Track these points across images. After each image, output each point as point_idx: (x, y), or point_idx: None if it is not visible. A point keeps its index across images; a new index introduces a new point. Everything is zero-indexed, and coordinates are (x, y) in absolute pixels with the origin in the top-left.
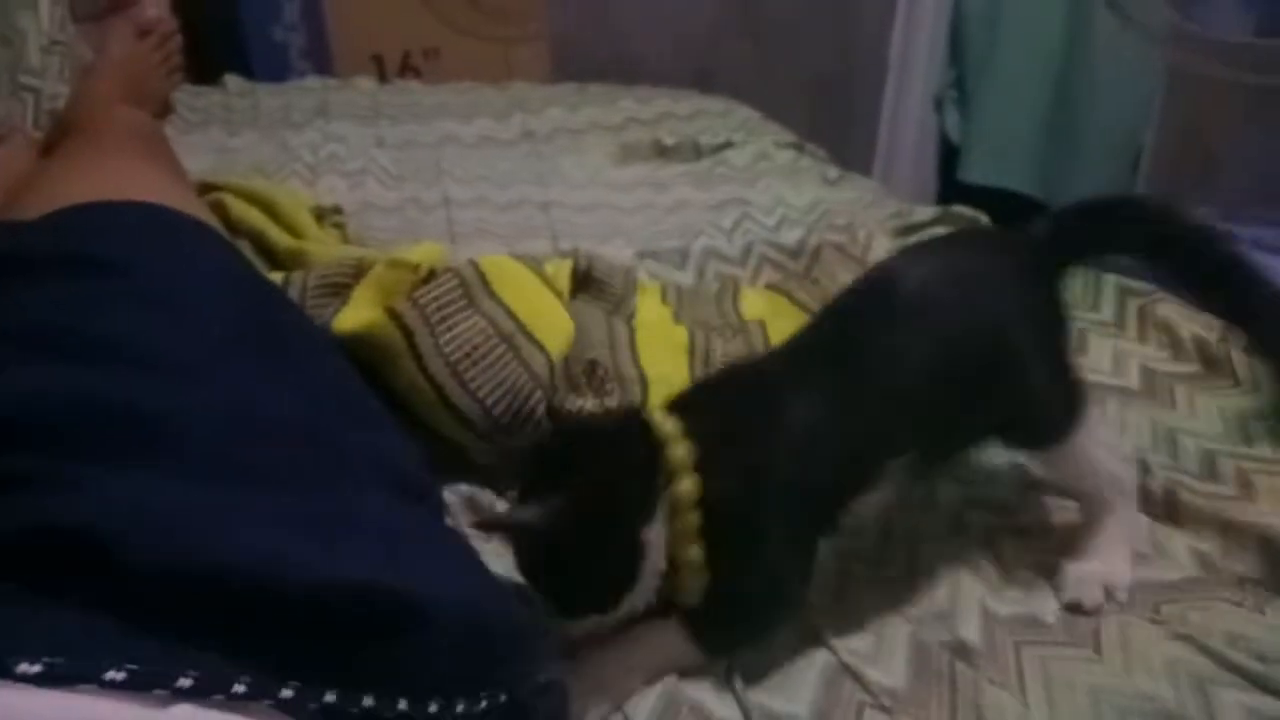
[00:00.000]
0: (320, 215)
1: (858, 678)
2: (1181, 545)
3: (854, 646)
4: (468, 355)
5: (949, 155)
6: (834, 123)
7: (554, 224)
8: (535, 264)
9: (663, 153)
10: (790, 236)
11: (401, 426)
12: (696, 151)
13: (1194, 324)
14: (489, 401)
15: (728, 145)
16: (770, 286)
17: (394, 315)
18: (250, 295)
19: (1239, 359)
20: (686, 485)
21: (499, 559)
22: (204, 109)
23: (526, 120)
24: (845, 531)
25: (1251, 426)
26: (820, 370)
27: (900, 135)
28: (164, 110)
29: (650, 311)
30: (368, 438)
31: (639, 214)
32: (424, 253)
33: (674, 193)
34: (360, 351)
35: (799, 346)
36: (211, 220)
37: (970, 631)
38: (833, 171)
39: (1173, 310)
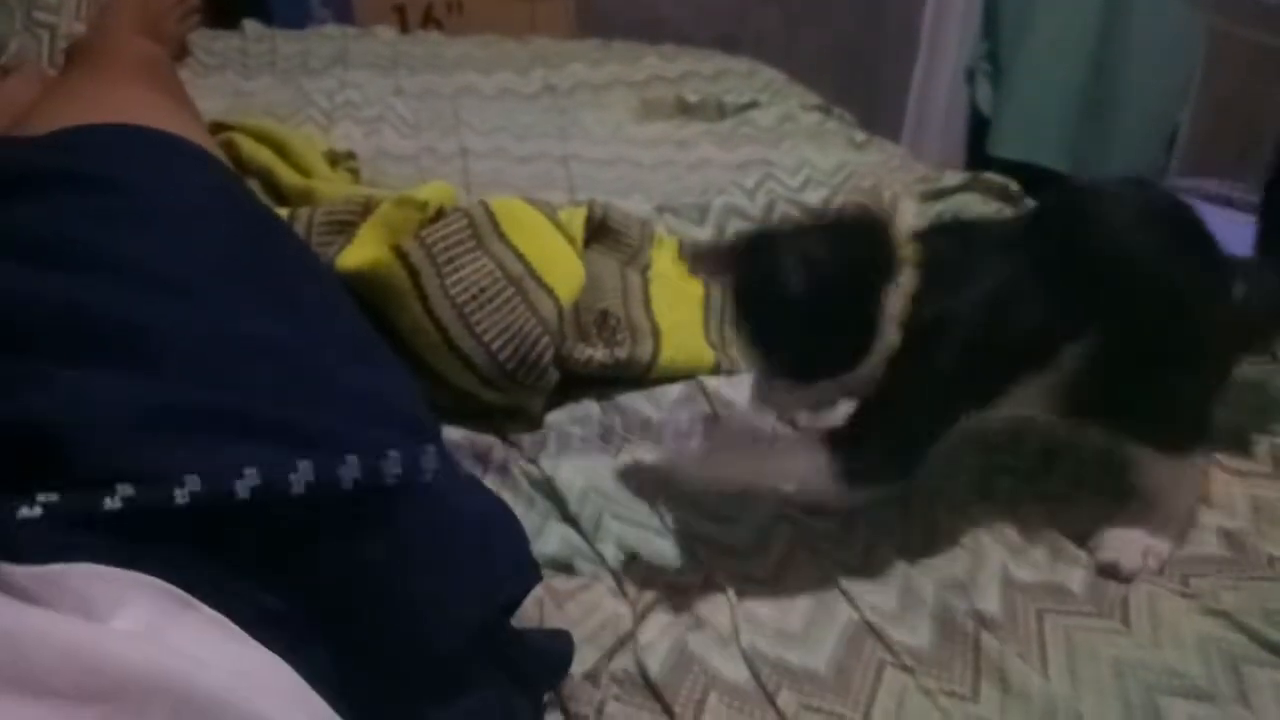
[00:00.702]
0: (334, 160)
1: (880, 636)
2: (1211, 523)
3: (877, 605)
4: (474, 297)
5: (979, 128)
6: (862, 93)
7: (572, 177)
8: (548, 209)
9: (685, 110)
10: (814, 196)
11: (405, 368)
12: (720, 111)
13: None
14: (495, 346)
15: (752, 105)
16: None
17: (400, 254)
18: (248, 223)
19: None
20: (908, 275)
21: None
22: (220, 53)
23: (548, 75)
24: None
25: None
26: (1029, 245)
27: (929, 107)
28: (180, 52)
29: (666, 264)
30: (365, 372)
31: (660, 171)
32: (433, 191)
33: (696, 151)
34: (364, 290)
35: (1014, 223)
36: (216, 151)
37: (989, 601)
38: (860, 135)
39: None
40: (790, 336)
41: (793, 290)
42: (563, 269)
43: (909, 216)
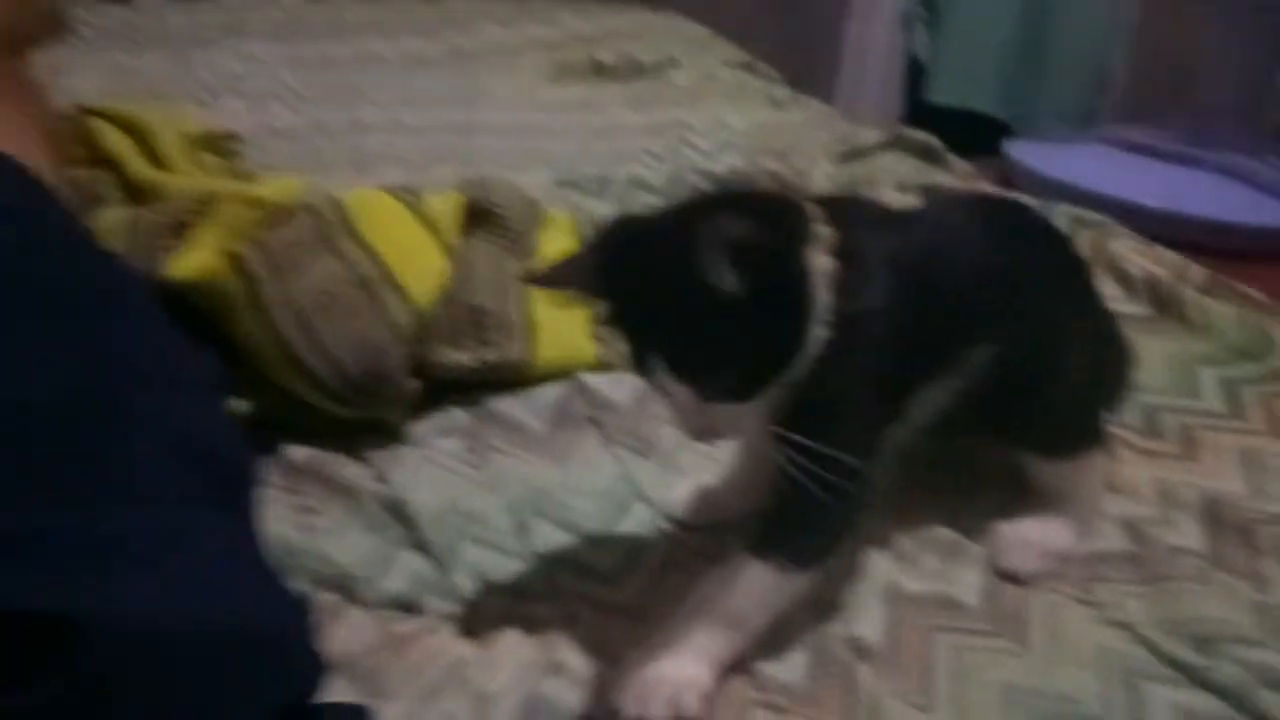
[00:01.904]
0: (211, 142)
1: (750, 671)
2: (1115, 512)
3: None
4: (321, 305)
5: (917, 75)
6: (798, 40)
7: (472, 150)
8: (413, 198)
9: (600, 72)
10: (729, 160)
11: (243, 385)
12: (638, 71)
13: (1147, 259)
14: (340, 358)
15: (671, 64)
16: None
17: (235, 261)
18: (33, 247)
19: (1192, 299)
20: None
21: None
22: (104, 27)
23: (456, 37)
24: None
25: (1200, 375)
26: (931, 241)
27: (866, 54)
28: (57, 28)
29: (557, 249)
30: (164, 408)
31: (568, 138)
32: (278, 188)
33: (609, 115)
34: (199, 300)
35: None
36: (32, 158)
37: (870, 626)
38: (781, 92)
39: (1126, 245)
40: (727, 346)
41: (727, 288)
42: (422, 266)
43: (822, 182)
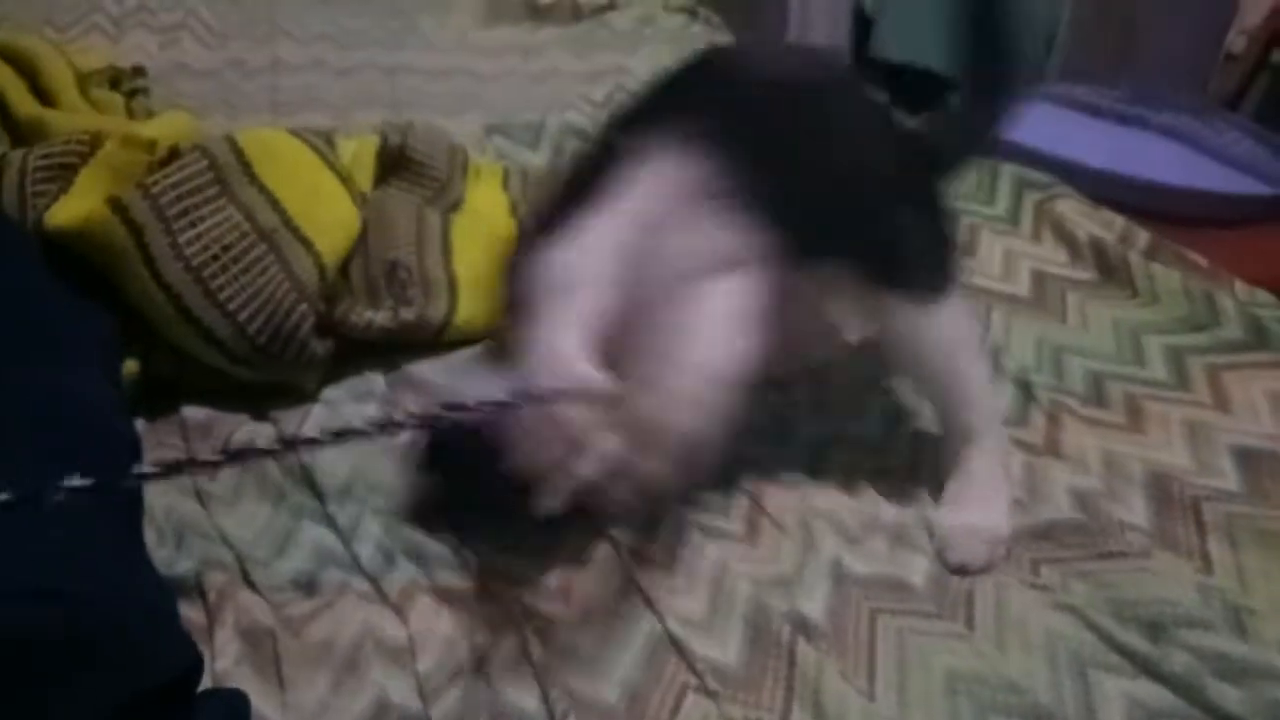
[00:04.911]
0: (116, 79)
1: (683, 653)
2: (1061, 482)
3: (684, 612)
4: (215, 258)
5: (865, 29)
6: None
7: (398, 94)
8: (319, 141)
9: (536, 14)
10: None
11: (136, 344)
12: (575, 13)
13: (1094, 223)
14: (241, 316)
15: (611, 7)
16: None
17: (118, 208)
18: None
19: (1138, 264)
20: None
21: None
22: None
23: None
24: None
25: (1146, 344)
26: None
27: (812, 6)
28: None
29: (484, 200)
30: (25, 375)
31: (500, 83)
32: (165, 126)
33: (544, 59)
34: (85, 251)
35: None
36: None
37: (814, 604)
38: (724, 38)
39: (1073, 207)
40: None
41: None
42: (329, 216)
43: None
